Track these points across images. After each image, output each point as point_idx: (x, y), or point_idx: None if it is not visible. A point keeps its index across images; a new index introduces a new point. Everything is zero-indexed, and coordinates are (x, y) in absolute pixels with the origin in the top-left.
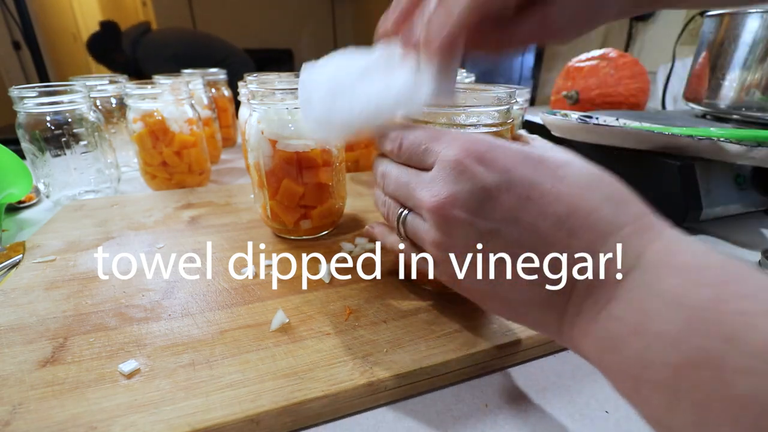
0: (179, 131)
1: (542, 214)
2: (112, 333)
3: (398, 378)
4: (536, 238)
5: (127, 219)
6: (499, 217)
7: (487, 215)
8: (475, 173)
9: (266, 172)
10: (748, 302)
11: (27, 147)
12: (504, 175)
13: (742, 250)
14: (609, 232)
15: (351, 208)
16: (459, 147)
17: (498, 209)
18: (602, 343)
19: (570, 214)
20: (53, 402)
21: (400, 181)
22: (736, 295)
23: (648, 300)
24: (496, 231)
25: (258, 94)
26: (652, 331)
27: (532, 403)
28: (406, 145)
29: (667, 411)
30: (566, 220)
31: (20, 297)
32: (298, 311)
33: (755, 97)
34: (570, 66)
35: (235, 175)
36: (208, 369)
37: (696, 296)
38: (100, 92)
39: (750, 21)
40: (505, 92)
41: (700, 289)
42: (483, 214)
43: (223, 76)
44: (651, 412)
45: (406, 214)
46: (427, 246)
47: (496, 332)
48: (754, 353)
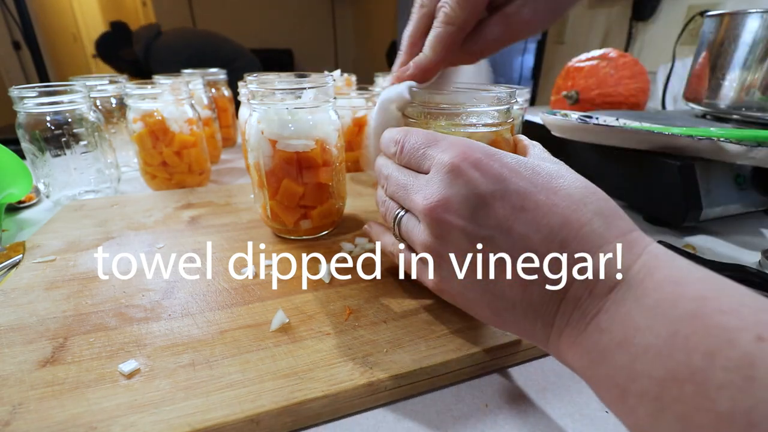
0: (179, 131)
1: (535, 225)
2: (112, 333)
3: (398, 378)
4: (528, 248)
5: (127, 219)
6: (492, 224)
7: (479, 221)
8: (470, 179)
9: (266, 172)
10: (728, 317)
11: (27, 147)
12: (499, 184)
13: (742, 250)
14: (599, 245)
15: (351, 208)
16: (456, 152)
17: (491, 216)
18: (589, 354)
19: (563, 226)
20: (53, 402)
21: (399, 183)
22: (717, 310)
23: (634, 313)
24: (488, 238)
25: (258, 94)
26: (637, 344)
27: (532, 403)
28: (406, 148)
29: (652, 422)
30: (559, 231)
31: (20, 297)
32: (298, 311)
33: (755, 97)
34: (570, 66)
35: (235, 175)
36: (208, 369)
37: (679, 310)
38: (100, 92)
39: (750, 21)
40: (505, 92)
41: (683, 303)
42: (476, 220)
43: (223, 76)
44: (636, 422)
45: (403, 215)
46: (417, 247)
47: (496, 332)
48: (734, 368)
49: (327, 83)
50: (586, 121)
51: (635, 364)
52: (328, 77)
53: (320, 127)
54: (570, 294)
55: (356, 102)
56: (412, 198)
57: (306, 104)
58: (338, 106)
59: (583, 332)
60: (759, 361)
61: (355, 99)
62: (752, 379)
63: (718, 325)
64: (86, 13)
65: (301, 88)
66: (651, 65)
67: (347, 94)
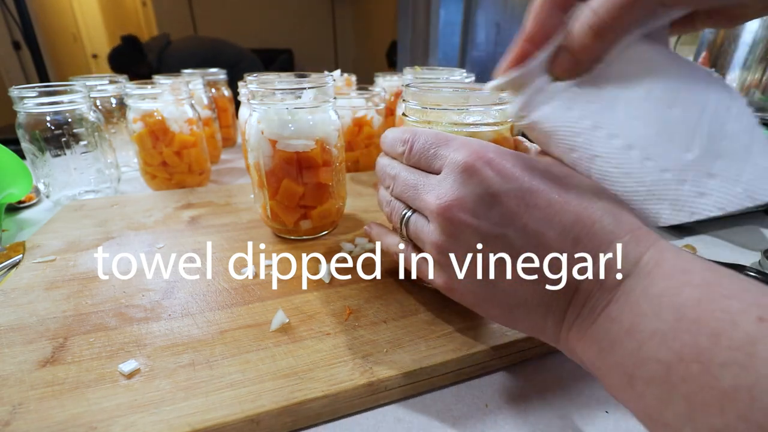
0: (179, 131)
1: (549, 222)
2: (112, 333)
3: (398, 378)
4: (541, 245)
5: (127, 219)
6: (505, 223)
7: (493, 220)
8: (483, 178)
9: (266, 172)
10: (731, 301)
11: (27, 147)
12: (513, 182)
13: (742, 250)
14: (610, 241)
15: (351, 208)
16: (469, 151)
17: (505, 215)
18: (599, 344)
19: (575, 223)
20: (53, 402)
21: (408, 183)
22: (720, 295)
23: (642, 301)
24: (501, 236)
25: (258, 94)
26: (645, 329)
27: (532, 403)
28: (416, 148)
29: (660, 405)
30: (571, 229)
31: (20, 297)
32: (298, 311)
33: (755, 97)
34: None
35: (235, 175)
36: (208, 369)
37: (685, 297)
38: (100, 92)
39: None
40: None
41: (688, 290)
42: (489, 218)
43: (222, 76)
44: (644, 407)
45: (410, 215)
46: (427, 247)
47: (496, 332)
48: (737, 347)
49: (327, 83)
50: None
51: (642, 350)
52: (328, 77)
53: (320, 127)
54: (581, 288)
55: (356, 102)
56: (423, 197)
57: (306, 104)
58: (338, 106)
59: (593, 324)
60: (760, 339)
61: (355, 99)
62: (754, 355)
63: (723, 308)
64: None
65: (301, 88)
66: None
67: (347, 94)
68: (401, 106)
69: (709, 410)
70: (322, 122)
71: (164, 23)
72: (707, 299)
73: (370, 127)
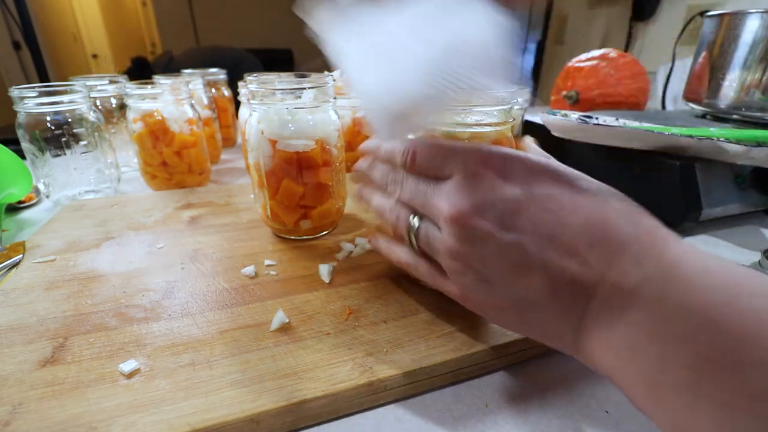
0: (179, 131)
1: (563, 225)
2: (112, 333)
3: (398, 378)
4: (556, 249)
5: (127, 219)
6: (519, 227)
7: (508, 226)
8: (495, 184)
9: (266, 172)
10: (758, 300)
11: (27, 147)
12: (525, 187)
13: (742, 250)
14: (626, 242)
15: (351, 208)
16: (478, 158)
17: (518, 219)
18: (619, 351)
19: (590, 226)
20: (53, 402)
21: (417, 190)
22: (745, 294)
23: (663, 305)
24: (515, 241)
25: (258, 94)
26: (668, 334)
27: (532, 403)
28: (421, 155)
29: (688, 412)
30: (586, 231)
31: (20, 297)
32: (298, 311)
33: (755, 97)
34: (570, 66)
35: (235, 175)
36: (208, 369)
37: (708, 298)
38: (100, 92)
39: (750, 21)
40: (505, 92)
41: (711, 291)
42: (504, 224)
43: (222, 76)
44: (671, 416)
45: (420, 224)
46: (441, 256)
47: (496, 332)
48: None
49: (327, 83)
50: (586, 122)
51: (667, 355)
52: (328, 77)
53: (320, 127)
54: (599, 293)
55: (356, 102)
56: (434, 204)
57: (306, 104)
58: (338, 106)
59: (612, 330)
60: None
61: (355, 99)
62: None
63: (749, 308)
64: (86, 13)
65: (301, 88)
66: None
67: (347, 94)
68: None
69: (742, 414)
70: (322, 122)
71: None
72: (732, 299)
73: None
